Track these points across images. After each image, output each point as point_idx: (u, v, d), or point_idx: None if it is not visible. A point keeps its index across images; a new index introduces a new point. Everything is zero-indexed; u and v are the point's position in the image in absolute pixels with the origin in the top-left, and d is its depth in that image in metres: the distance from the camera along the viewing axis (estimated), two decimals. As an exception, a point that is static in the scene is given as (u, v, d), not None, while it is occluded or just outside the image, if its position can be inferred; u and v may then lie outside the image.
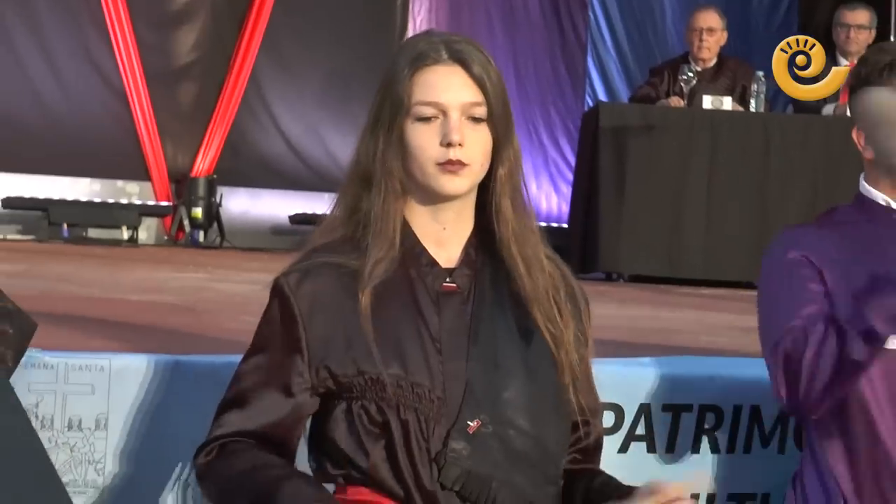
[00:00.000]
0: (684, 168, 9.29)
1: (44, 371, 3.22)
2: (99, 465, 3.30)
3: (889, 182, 3.44)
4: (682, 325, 6.19)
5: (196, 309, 5.71)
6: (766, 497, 3.89)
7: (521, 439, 2.80)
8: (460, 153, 2.77)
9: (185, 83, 12.35)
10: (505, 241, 2.86)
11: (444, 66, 2.81)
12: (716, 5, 10.75)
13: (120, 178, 12.20)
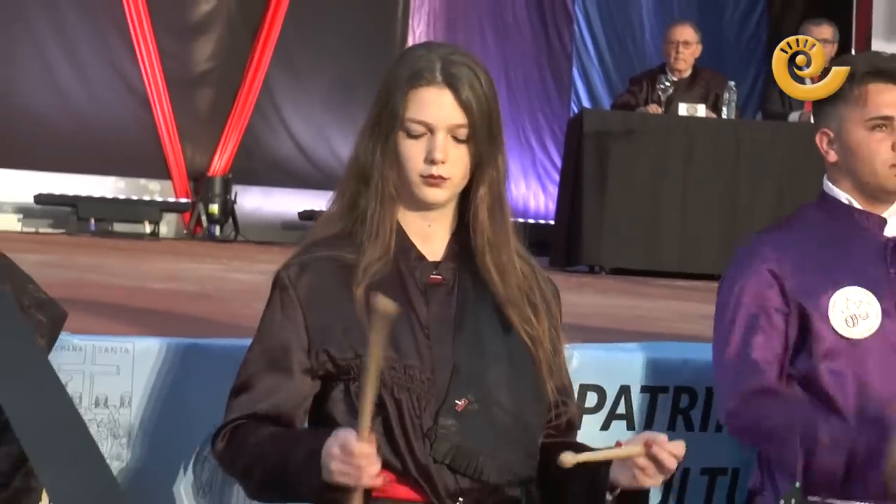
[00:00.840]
0: (661, 170, 9.29)
1: (73, 353, 3.22)
2: (123, 440, 3.30)
3: (850, 182, 3.45)
4: (659, 313, 6.19)
5: (212, 297, 5.71)
6: (735, 471, 3.90)
7: (505, 416, 2.81)
8: (442, 169, 2.79)
9: (203, 89, 12.34)
10: (479, 250, 2.88)
11: (436, 88, 2.81)
12: (691, 20, 10.78)
13: (143, 177, 12.19)
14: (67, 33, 11.79)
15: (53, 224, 11.75)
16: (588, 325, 3.40)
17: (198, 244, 11.37)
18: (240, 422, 2.82)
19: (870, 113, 3.38)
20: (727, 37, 14.14)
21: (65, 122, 11.71)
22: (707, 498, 3.90)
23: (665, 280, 8.68)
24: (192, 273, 7.11)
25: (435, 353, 2.80)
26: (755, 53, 14.32)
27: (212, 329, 4.25)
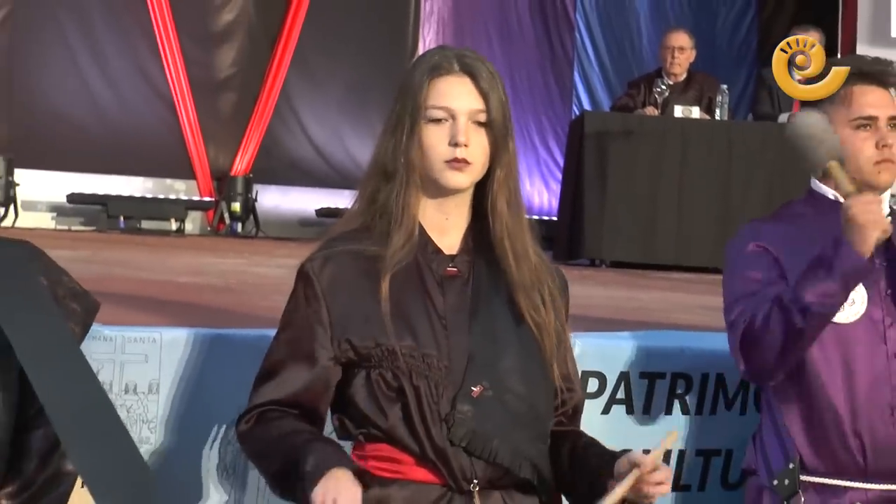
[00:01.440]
0: (658, 168, 9.29)
1: (104, 343, 3.22)
2: (151, 424, 3.30)
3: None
4: (656, 304, 6.18)
5: (235, 289, 5.71)
6: (729, 452, 3.89)
7: (517, 402, 2.81)
8: (465, 153, 2.79)
9: (225, 94, 12.35)
10: (498, 236, 2.87)
11: (455, 77, 2.83)
12: (685, 27, 10.78)
13: (168, 177, 12.21)
14: (98, 42, 11.80)
15: (85, 222, 11.77)
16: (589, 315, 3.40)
17: (221, 240, 11.38)
18: (265, 408, 2.81)
19: (854, 113, 3.39)
20: (720, 43, 14.14)
21: (95, 126, 11.73)
22: (702, 478, 3.89)
23: (662, 272, 8.68)
24: (215, 267, 7.11)
25: (451, 342, 2.79)
26: (746, 58, 14.31)
27: (234, 320, 4.25)
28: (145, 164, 11.98)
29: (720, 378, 3.85)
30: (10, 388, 2.65)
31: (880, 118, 3.39)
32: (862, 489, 3.31)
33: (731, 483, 3.91)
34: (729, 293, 3.40)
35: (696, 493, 3.89)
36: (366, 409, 2.79)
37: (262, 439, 2.80)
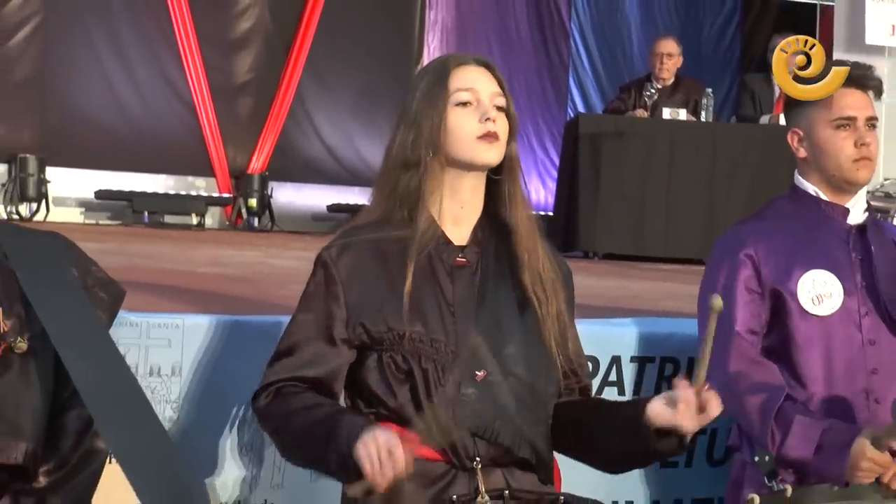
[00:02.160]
0: (648, 167, 9.28)
1: (130, 328, 3.23)
2: (174, 405, 3.31)
3: (818, 176, 3.45)
4: (646, 293, 6.18)
5: (252, 279, 5.71)
6: (714, 431, 3.89)
7: (519, 387, 2.80)
8: (495, 126, 2.81)
9: (243, 97, 12.35)
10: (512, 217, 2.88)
11: (474, 66, 2.88)
12: (674, 34, 10.78)
13: (190, 175, 12.21)
14: (123, 48, 11.80)
15: (111, 216, 11.77)
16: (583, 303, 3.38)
17: (238, 234, 11.37)
18: (283, 384, 2.80)
19: (835, 114, 3.39)
20: (705, 50, 14.13)
21: (121, 127, 11.73)
22: (688, 455, 3.89)
23: (651, 264, 8.67)
24: (233, 259, 7.11)
25: (459, 329, 2.79)
26: (730, 64, 14.32)
27: (251, 307, 4.25)
28: (168, 162, 11.98)
29: (706, 362, 3.85)
30: (48, 373, 2.66)
31: (859, 119, 3.39)
32: (839, 466, 3.31)
33: (717, 459, 3.91)
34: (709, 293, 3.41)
35: (684, 469, 3.89)
36: (376, 390, 2.79)
37: (283, 413, 2.78)
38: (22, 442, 2.60)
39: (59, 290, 2.70)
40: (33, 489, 2.59)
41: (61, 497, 2.60)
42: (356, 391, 2.83)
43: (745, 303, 3.36)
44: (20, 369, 2.63)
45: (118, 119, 11.74)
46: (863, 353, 3.33)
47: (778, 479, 3.25)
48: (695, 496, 3.93)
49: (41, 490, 2.60)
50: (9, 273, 2.68)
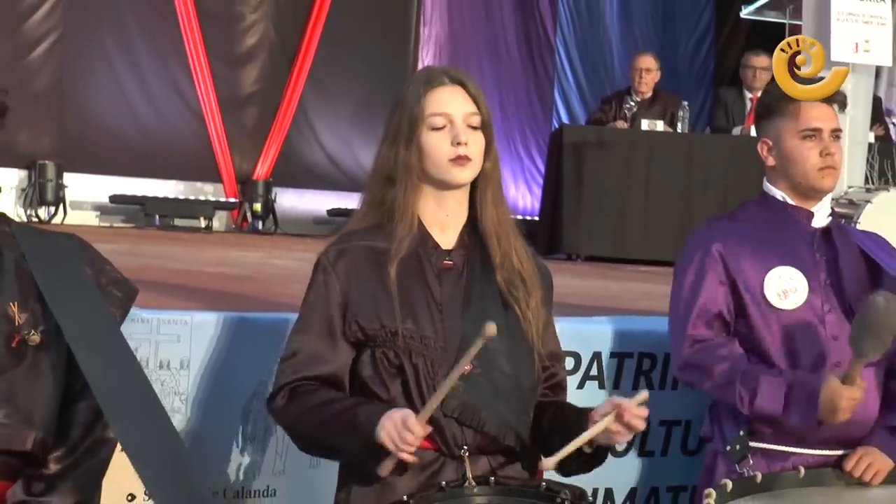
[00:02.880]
0: (627, 174, 9.27)
1: (141, 324, 3.22)
2: (183, 396, 3.30)
3: (785, 183, 3.46)
4: (626, 293, 6.18)
5: (256, 279, 5.70)
6: (688, 422, 3.90)
7: (503, 380, 2.80)
8: (466, 150, 2.80)
9: (248, 108, 12.34)
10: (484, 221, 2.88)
11: (448, 87, 2.85)
12: (652, 51, 10.77)
13: (198, 180, 12.19)
14: (137, 61, 11.79)
15: (125, 219, 11.76)
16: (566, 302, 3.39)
17: (244, 236, 11.37)
18: (296, 384, 2.80)
19: (802, 125, 3.39)
20: (681, 65, 14.14)
21: (134, 135, 11.72)
22: (664, 445, 3.89)
23: (630, 266, 8.67)
24: (239, 260, 7.10)
25: (447, 326, 2.79)
26: (704, 79, 14.34)
27: (256, 305, 4.24)
28: (178, 168, 11.97)
29: (681, 358, 3.85)
30: (60, 365, 2.65)
31: (824, 130, 3.40)
32: (804, 454, 3.31)
33: (691, 449, 3.91)
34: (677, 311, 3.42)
35: (660, 458, 3.90)
36: (370, 383, 2.79)
37: (302, 410, 2.77)
38: (33, 430, 2.59)
39: (72, 287, 2.69)
40: (43, 475, 2.59)
41: (70, 483, 2.59)
42: (352, 384, 2.83)
43: (714, 293, 3.36)
44: (33, 361, 2.62)
45: (131, 127, 11.73)
46: (826, 348, 3.33)
47: (749, 466, 3.26)
48: (670, 483, 3.93)
49: (51, 476, 2.59)
50: (26, 271, 2.68)
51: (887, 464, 3.24)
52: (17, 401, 2.59)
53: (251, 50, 12.37)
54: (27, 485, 2.58)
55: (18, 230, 2.76)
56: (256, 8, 12.36)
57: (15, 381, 2.60)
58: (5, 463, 2.58)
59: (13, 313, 2.63)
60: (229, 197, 12.21)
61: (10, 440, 2.57)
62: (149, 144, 11.74)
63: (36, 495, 2.56)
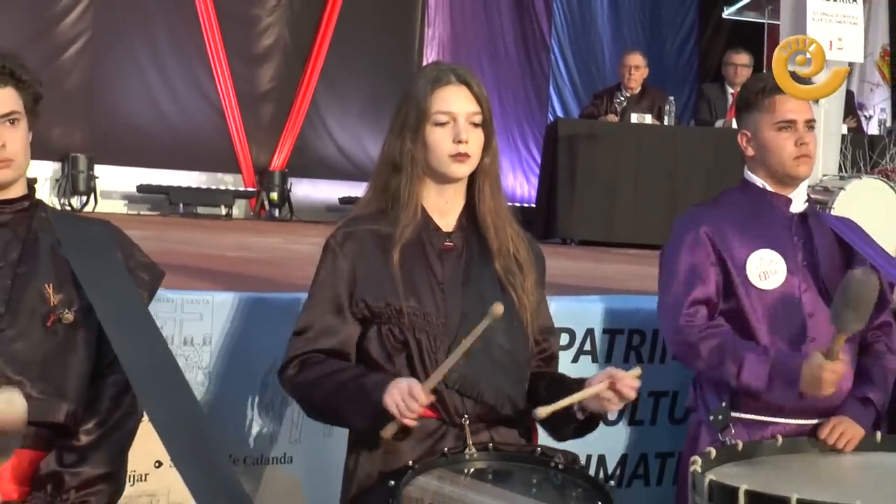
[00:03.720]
0: (618, 165, 9.26)
1: (167, 304, 3.23)
2: (205, 370, 3.31)
3: (764, 171, 3.45)
4: (616, 274, 6.18)
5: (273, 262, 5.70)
6: (675, 393, 3.90)
7: (501, 353, 2.81)
8: (466, 148, 2.80)
9: (265, 104, 12.31)
10: (482, 210, 2.89)
11: (454, 86, 2.84)
12: (640, 50, 10.75)
13: (219, 171, 12.16)
14: (162, 60, 11.77)
15: (151, 208, 11.74)
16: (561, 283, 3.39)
17: (262, 223, 11.35)
18: (306, 355, 2.79)
19: (777, 117, 3.39)
20: (667, 63, 14.11)
21: (159, 130, 11.70)
22: (653, 415, 3.90)
23: (621, 249, 8.66)
24: (257, 244, 7.10)
25: (448, 304, 2.80)
26: (689, 75, 14.32)
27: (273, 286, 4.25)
28: (200, 160, 11.95)
29: (668, 334, 3.85)
30: (91, 342, 2.65)
31: (798, 121, 3.39)
32: (781, 423, 3.32)
33: (677, 419, 3.91)
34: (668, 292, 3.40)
35: (649, 426, 3.90)
36: (377, 357, 2.79)
37: (311, 380, 2.77)
38: (65, 403, 2.59)
39: (104, 270, 2.69)
40: (74, 446, 2.58)
41: (100, 454, 2.59)
42: (360, 359, 2.83)
43: (701, 273, 3.35)
44: (66, 338, 2.62)
45: (157, 122, 11.71)
46: (803, 324, 3.33)
47: (731, 435, 3.26)
48: (658, 450, 3.93)
49: (82, 447, 2.58)
50: (61, 256, 2.68)
51: (859, 432, 3.24)
52: (50, 376, 2.59)
53: (267, 50, 12.35)
54: (59, 455, 2.57)
55: (54, 217, 2.77)
56: (272, 11, 12.34)
57: (49, 358, 2.60)
58: (39, 434, 2.58)
59: (49, 294, 2.63)
60: (248, 186, 12.19)
61: (44, 412, 2.57)
62: (173, 138, 11.72)
63: (68, 466, 2.56)
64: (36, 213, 2.73)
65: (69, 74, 11.32)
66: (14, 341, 2.57)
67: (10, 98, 2.61)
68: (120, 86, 11.62)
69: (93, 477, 2.57)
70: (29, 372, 2.57)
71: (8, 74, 2.61)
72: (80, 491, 2.55)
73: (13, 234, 2.67)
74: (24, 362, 2.57)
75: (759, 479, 2.74)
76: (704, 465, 2.88)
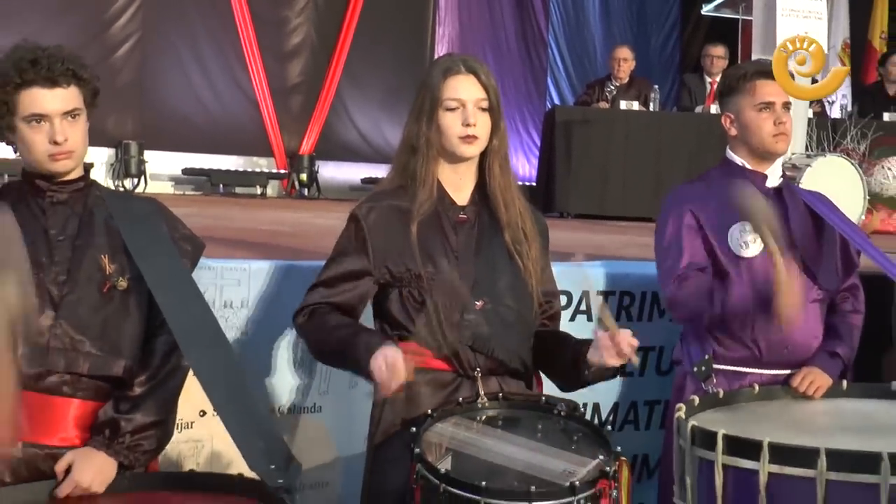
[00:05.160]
0: (608, 146, 9.22)
1: (208, 272, 3.22)
2: (243, 330, 3.31)
3: (745, 150, 3.42)
4: (608, 242, 6.16)
5: (302, 235, 5.69)
6: (661, 348, 3.89)
7: (509, 313, 2.80)
8: (473, 130, 2.79)
9: (294, 96, 12.31)
10: (493, 187, 2.87)
11: (463, 76, 2.82)
12: (628, 44, 10.70)
13: (254, 155, 12.17)
14: (203, 58, 11.78)
15: (194, 188, 11.76)
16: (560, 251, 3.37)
17: (292, 201, 11.35)
18: (316, 306, 2.81)
19: (758, 99, 3.37)
20: (652, 56, 14.07)
21: (201, 119, 11.72)
22: (642, 367, 3.89)
23: (612, 221, 8.64)
24: (288, 219, 7.10)
25: (462, 270, 2.79)
26: (671, 67, 14.28)
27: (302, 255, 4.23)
28: (237, 146, 11.96)
29: (654, 295, 3.85)
30: (142, 306, 2.65)
31: (776, 103, 3.37)
32: (758, 373, 3.31)
33: (664, 371, 3.91)
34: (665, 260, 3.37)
35: (638, 378, 3.90)
36: (399, 317, 2.78)
37: (315, 328, 2.79)
38: (121, 359, 2.61)
39: (151, 241, 2.69)
40: (129, 396, 2.60)
41: (151, 403, 2.60)
42: (384, 319, 2.83)
43: (690, 244, 3.33)
44: (121, 303, 2.63)
45: (199, 113, 11.72)
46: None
47: (712, 384, 3.24)
48: (646, 399, 3.93)
49: (135, 397, 2.60)
50: (114, 229, 2.68)
51: (827, 381, 3.24)
52: (107, 336, 2.60)
53: (296, 48, 12.34)
54: (116, 404, 2.59)
55: (107, 195, 2.77)
56: (300, 13, 12.33)
57: (106, 320, 2.61)
58: (99, 386, 2.60)
59: (104, 264, 2.64)
60: (280, 169, 12.19)
61: (103, 367, 2.59)
62: (213, 126, 11.74)
63: (123, 413, 2.58)
64: (91, 192, 2.73)
65: (121, 71, 11.33)
66: (75, 305, 2.58)
67: (72, 96, 2.61)
68: (166, 80, 11.63)
69: (145, 423, 2.58)
70: (89, 332, 2.58)
71: (71, 75, 2.61)
72: (134, 435, 2.56)
73: (71, 210, 2.68)
74: (85, 324, 2.58)
75: (736, 424, 2.73)
76: (688, 412, 2.86)
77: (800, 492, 2.43)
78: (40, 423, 2.52)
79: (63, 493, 2.43)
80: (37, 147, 2.60)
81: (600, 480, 2.39)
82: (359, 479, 2.87)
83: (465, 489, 2.33)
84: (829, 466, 2.42)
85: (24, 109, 2.58)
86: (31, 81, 2.56)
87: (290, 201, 11.18)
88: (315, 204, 10.52)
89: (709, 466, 2.59)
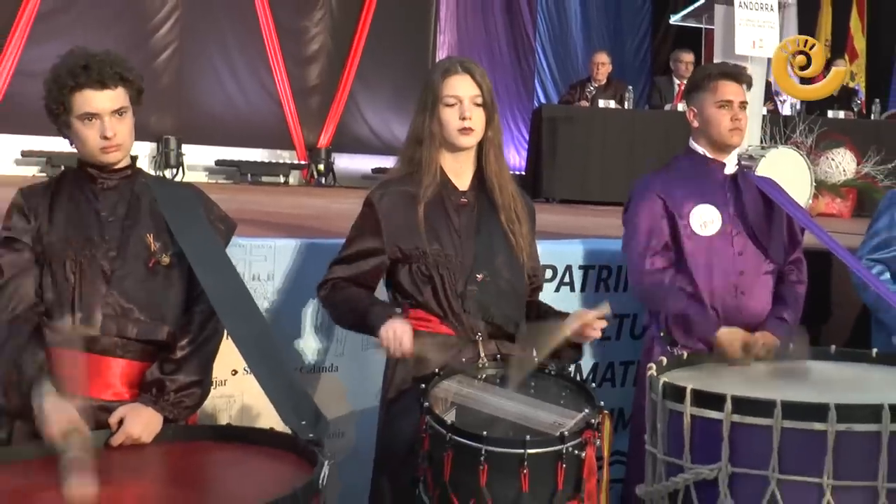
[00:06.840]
0: (589, 139, 9.21)
1: (239, 248, 3.23)
2: (270, 300, 3.32)
3: (705, 140, 3.42)
4: (588, 223, 6.17)
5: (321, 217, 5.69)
6: (634, 315, 3.90)
7: (505, 284, 2.82)
8: (469, 123, 2.80)
9: (313, 96, 12.29)
10: (489, 173, 2.88)
11: (460, 75, 2.82)
12: (606, 49, 10.68)
13: (278, 148, 12.15)
14: (233, 63, 11.76)
15: (226, 177, 11.74)
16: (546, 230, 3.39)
17: (311, 188, 11.34)
18: (337, 280, 2.83)
19: (718, 98, 3.36)
20: (627, 60, 14.04)
21: (232, 117, 11.70)
22: (618, 332, 3.90)
23: (592, 206, 8.64)
24: (308, 204, 7.10)
25: (464, 247, 2.80)
26: (644, 69, 14.25)
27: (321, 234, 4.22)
28: (263, 140, 11.95)
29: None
30: (183, 279, 2.66)
31: (735, 102, 3.37)
32: (715, 337, 3.31)
33: (636, 335, 3.92)
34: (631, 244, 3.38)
35: (615, 342, 3.91)
36: (409, 289, 2.80)
37: (336, 300, 2.82)
38: (165, 326, 2.62)
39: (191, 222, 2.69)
40: (172, 359, 2.61)
41: (192, 364, 2.61)
42: (397, 290, 2.86)
43: (655, 226, 3.34)
44: (164, 276, 2.64)
45: (230, 111, 11.71)
46: (734, 261, 3.31)
47: (677, 347, 3.25)
48: (621, 360, 3.94)
49: (178, 359, 2.61)
50: (158, 212, 2.69)
51: (776, 342, 3.24)
52: (153, 305, 2.61)
53: (314, 54, 12.32)
54: (161, 365, 2.60)
55: (151, 181, 2.78)
56: (318, 23, 12.31)
57: (152, 291, 2.62)
58: (145, 349, 2.61)
59: (150, 242, 2.64)
60: (300, 160, 12.18)
61: (150, 333, 2.61)
62: (242, 123, 11.72)
63: (167, 374, 2.59)
64: (137, 179, 2.74)
65: (162, 75, 11.31)
66: (125, 279, 2.59)
67: (120, 96, 2.62)
68: (201, 83, 11.61)
69: (187, 383, 2.59)
70: (137, 301, 2.59)
71: (118, 77, 2.61)
72: (178, 393, 2.57)
73: (120, 195, 2.69)
74: (133, 295, 2.60)
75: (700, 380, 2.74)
76: (658, 370, 2.87)
77: (758, 437, 2.44)
78: (95, 380, 2.54)
79: (117, 442, 2.45)
80: (89, 141, 2.61)
81: (586, 431, 2.42)
82: (370, 430, 2.89)
83: (468, 438, 2.37)
84: (784, 415, 2.43)
85: (78, 109, 2.59)
86: (83, 84, 2.57)
87: (309, 188, 11.17)
88: (331, 191, 10.51)
89: (678, 417, 2.60)
